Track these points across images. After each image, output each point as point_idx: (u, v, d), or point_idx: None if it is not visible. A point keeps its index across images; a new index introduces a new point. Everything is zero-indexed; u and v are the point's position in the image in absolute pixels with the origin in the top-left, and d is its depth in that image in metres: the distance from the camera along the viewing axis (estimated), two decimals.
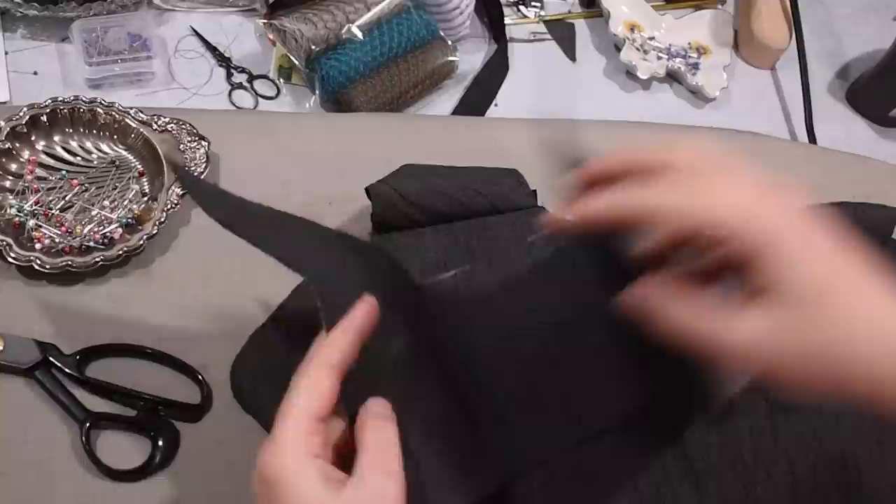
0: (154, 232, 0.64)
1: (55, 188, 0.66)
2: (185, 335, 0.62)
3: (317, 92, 0.86)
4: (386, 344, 0.44)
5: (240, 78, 0.88)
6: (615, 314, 0.42)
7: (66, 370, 0.59)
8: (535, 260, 0.54)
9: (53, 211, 0.64)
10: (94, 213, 0.65)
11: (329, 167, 0.71)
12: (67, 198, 0.65)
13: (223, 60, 0.88)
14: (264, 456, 0.39)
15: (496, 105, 0.92)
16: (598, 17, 1.00)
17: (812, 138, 0.93)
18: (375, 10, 0.86)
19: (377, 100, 0.85)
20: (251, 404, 0.59)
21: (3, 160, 0.66)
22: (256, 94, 0.87)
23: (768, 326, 0.35)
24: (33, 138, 0.67)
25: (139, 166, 0.68)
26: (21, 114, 0.67)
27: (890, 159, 0.81)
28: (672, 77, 0.97)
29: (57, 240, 0.63)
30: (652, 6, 1.00)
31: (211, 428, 0.59)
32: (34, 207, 0.64)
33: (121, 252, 0.63)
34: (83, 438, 0.57)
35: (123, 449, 0.58)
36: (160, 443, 0.58)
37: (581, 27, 1.00)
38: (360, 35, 0.85)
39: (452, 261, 0.61)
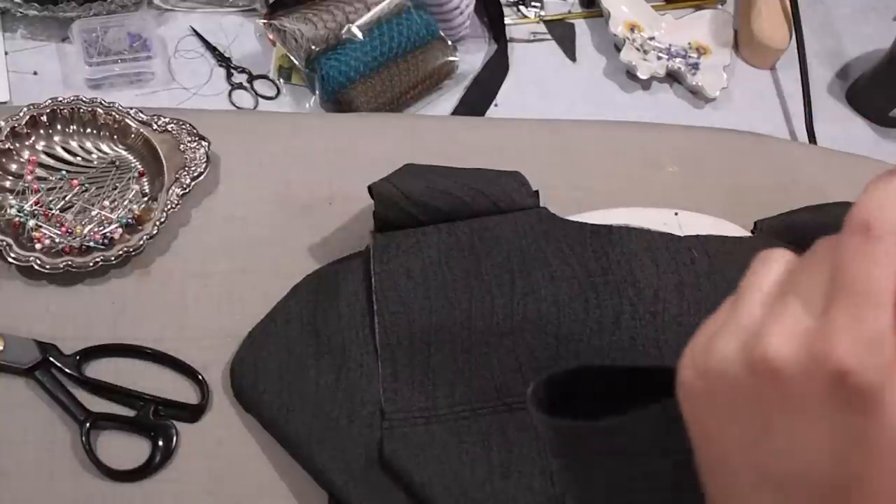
0: (154, 232, 0.64)
1: (55, 188, 0.66)
2: (185, 335, 0.62)
3: (317, 92, 0.86)
4: None
5: (240, 78, 0.88)
6: None
7: (66, 370, 0.59)
8: None
9: (53, 211, 0.64)
10: (94, 213, 0.65)
11: (329, 167, 0.71)
12: (67, 198, 0.65)
13: (223, 60, 0.88)
14: (859, 356, 0.28)
15: (496, 105, 0.92)
16: (598, 17, 1.00)
17: (812, 138, 0.94)
18: (375, 10, 0.86)
19: (377, 100, 0.85)
20: (251, 404, 0.59)
21: (3, 160, 0.66)
22: (256, 94, 0.87)
23: None
24: (33, 138, 0.67)
25: (139, 166, 0.68)
26: (21, 114, 0.66)
27: (890, 159, 0.81)
28: (672, 77, 0.97)
29: (57, 240, 0.63)
30: (652, 6, 1.00)
31: (211, 428, 0.59)
32: (34, 207, 0.64)
33: (121, 252, 0.63)
34: (83, 438, 0.57)
35: (123, 449, 0.58)
36: (160, 443, 0.58)
37: (581, 27, 1.00)
38: (360, 35, 0.85)
39: (454, 260, 0.61)
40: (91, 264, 0.62)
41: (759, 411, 0.32)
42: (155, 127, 0.68)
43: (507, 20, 0.96)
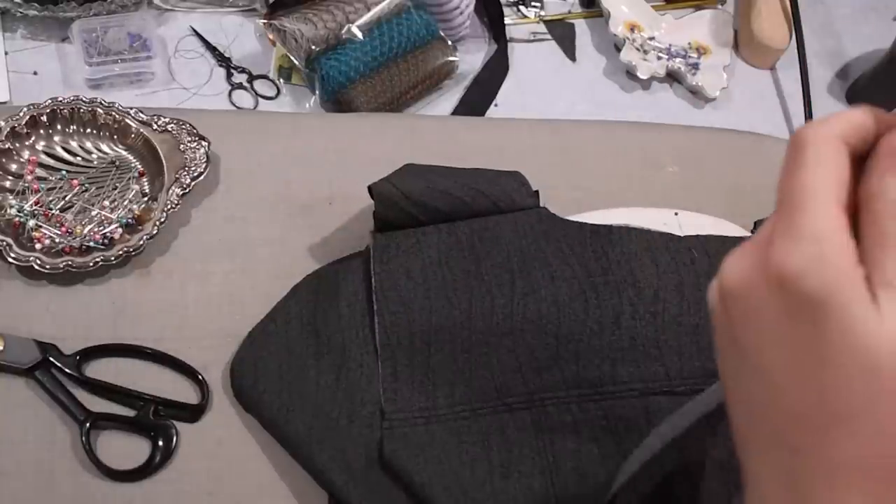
0: (154, 232, 0.64)
1: (55, 188, 0.66)
2: (185, 335, 0.62)
3: (317, 92, 0.86)
4: None
5: (240, 78, 0.88)
6: None
7: (66, 370, 0.59)
8: None
9: (53, 211, 0.64)
10: (94, 213, 0.65)
11: (329, 167, 0.71)
12: (67, 198, 0.65)
13: (223, 60, 0.88)
14: (795, 258, 0.28)
15: (496, 105, 0.92)
16: (598, 17, 1.00)
17: None
18: (375, 10, 0.86)
19: (377, 100, 0.85)
20: (251, 404, 0.59)
21: (3, 160, 0.66)
22: (256, 94, 0.87)
23: None
24: (33, 138, 0.67)
25: (139, 166, 0.68)
26: (21, 114, 0.67)
27: None
28: (672, 77, 0.97)
29: (57, 240, 0.63)
30: (652, 6, 1.00)
31: (211, 428, 0.59)
32: (34, 207, 0.64)
33: (121, 252, 0.63)
34: (83, 438, 0.57)
35: (123, 449, 0.58)
36: (160, 443, 0.58)
37: (581, 27, 1.00)
38: (360, 35, 0.85)
39: (454, 260, 0.61)
40: (91, 264, 0.62)
41: (733, 339, 0.31)
42: (155, 127, 0.68)
43: (507, 20, 0.96)
